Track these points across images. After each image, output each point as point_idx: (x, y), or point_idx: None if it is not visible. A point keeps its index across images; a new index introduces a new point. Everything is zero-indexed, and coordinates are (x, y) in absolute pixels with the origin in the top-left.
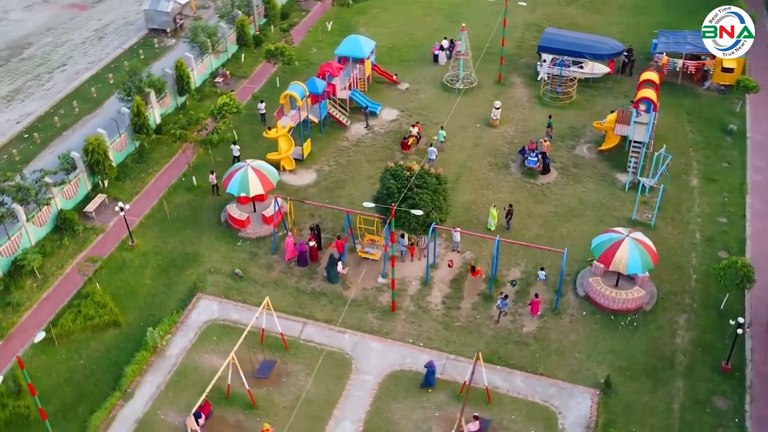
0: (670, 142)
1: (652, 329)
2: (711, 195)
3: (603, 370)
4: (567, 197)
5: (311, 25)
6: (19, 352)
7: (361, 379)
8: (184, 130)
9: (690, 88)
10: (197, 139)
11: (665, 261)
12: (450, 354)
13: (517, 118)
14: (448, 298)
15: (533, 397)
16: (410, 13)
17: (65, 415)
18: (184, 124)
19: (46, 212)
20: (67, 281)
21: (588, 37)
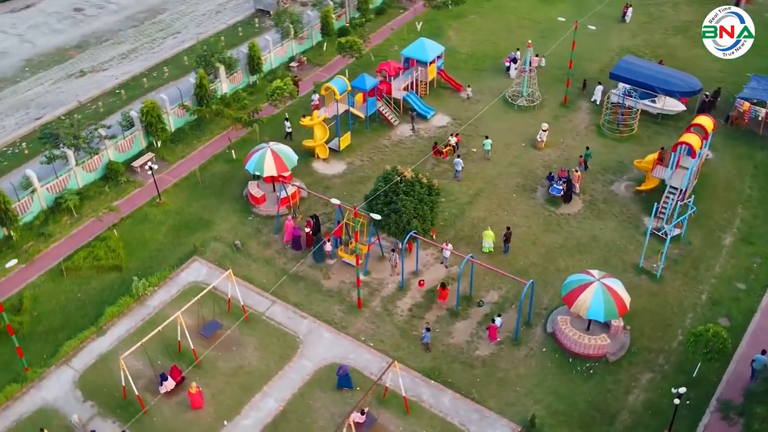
0: (721, 194)
1: (608, 381)
2: (740, 257)
3: (537, 410)
4: (581, 232)
5: (404, 23)
6: (34, 277)
7: (301, 364)
8: (225, 107)
9: None
10: (233, 116)
11: (655, 316)
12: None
13: (567, 144)
14: (416, 306)
15: (452, 418)
16: (505, 23)
17: (47, 337)
18: (229, 101)
19: (97, 160)
20: (96, 224)
21: (665, 71)
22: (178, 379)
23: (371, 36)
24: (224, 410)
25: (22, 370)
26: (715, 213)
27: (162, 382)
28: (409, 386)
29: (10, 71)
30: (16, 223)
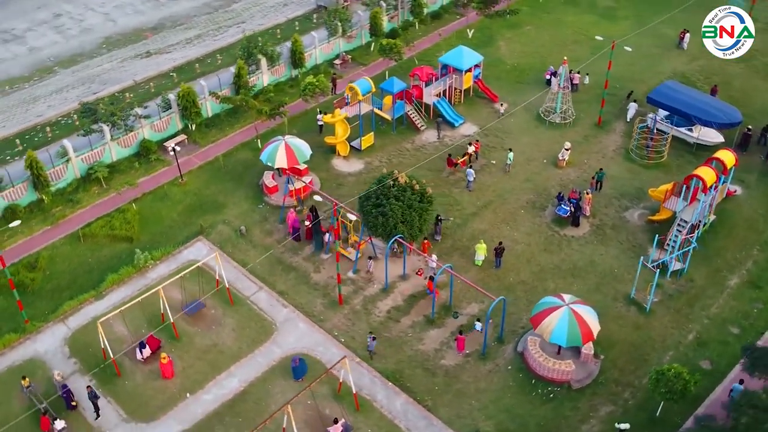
0: (739, 233)
1: (566, 407)
2: (742, 300)
3: (485, 425)
4: (580, 255)
5: (456, 30)
6: (55, 239)
7: (271, 350)
8: (252, 98)
9: None
10: (257, 107)
11: (633, 349)
12: (358, 358)
13: (590, 165)
14: (395, 309)
15: (400, 422)
16: (559, 38)
17: (53, 295)
18: (257, 93)
19: (132, 137)
20: (121, 196)
21: (705, 99)
22: (154, 348)
23: (421, 40)
24: (190, 383)
25: (22, 323)
26: (727, 251)
27: (140, 350)
28: (367, 385)
29: (90, 47)
30: (48, 188)
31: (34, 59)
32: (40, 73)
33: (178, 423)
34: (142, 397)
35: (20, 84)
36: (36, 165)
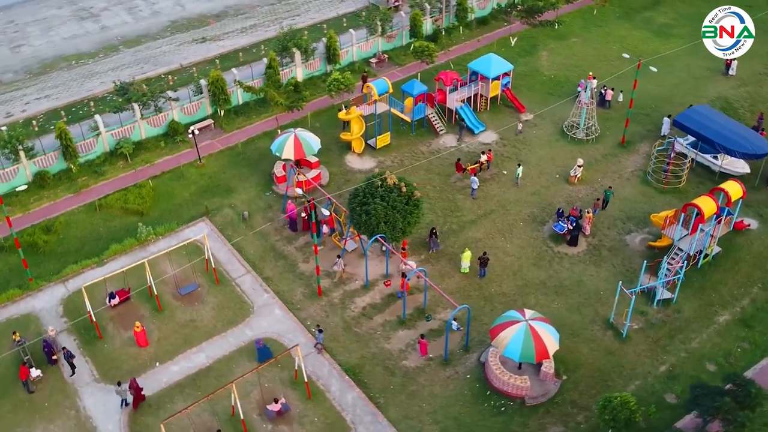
0: (743, 268)
1: (515, 423)
2: (728, 338)
3: (429, 429)
4: (569, 274)
5: (500, 36)
6: (74, 206)
7: (243, 331)
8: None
9: None
10: (277, 99)
11: (599, 374)
12: (329, 344)
13: (603, 185)
14: (371, 307)
15: (347, 414)
16: (604, 52)
17: (60, 258)
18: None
19: (162, 117)
20: (143, 172)
21: (733, 127)
22: (122, 299)
23: (461, 45)
24: (161, 353)
25: (27, 280)
26: (725, 286)
27: (110, 299)
28: (324, 376)
29: (155, 29)
30: (76, 158)
31: (103, 37)
32: (105, 50)
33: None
34: (115, 361)
35: (85, 60)
36: (65, 136)
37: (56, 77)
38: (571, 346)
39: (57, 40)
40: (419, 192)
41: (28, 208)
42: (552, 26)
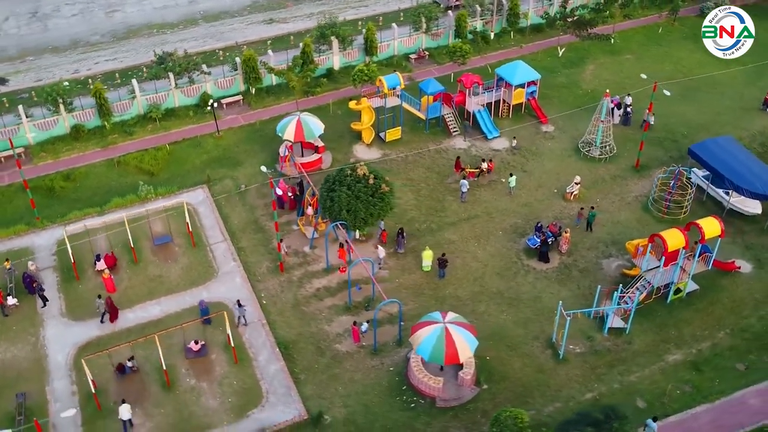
0: (716, 311)
1: (419, 422)
2: (670, 379)
3: (336, 411)
4: (529, 288)
5: (551, 45)
6: (97, 160)
7: (198, 293)
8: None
9: None
10: (294, 84)
11: (523, 390)
12: (263, 322)
13: (600, 207)
14: (325, 289)
15: (264, 383)
16: (655, 71)
17: (70, 203)
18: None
19: (196, 89)
20: (166, 137)
21: (749, 164)
22: (108, 264)
23: (508, 50)
24: (124, 300)
25: (34, 219)
26: (689, 326)
27: (96, 261)
28: (257, 345)
29: (236, 8)
30: (110, 116)
31: (189, 10)
32: (185, 23)
33: (96, 329)
34: (82, 301)
35: (165, 29)
36: (100, 95)
37: (134, 43)
38: (504, 358)
39: (148, 9)
40: (387, 186)
41: (59, 156)
42: (606, 40)
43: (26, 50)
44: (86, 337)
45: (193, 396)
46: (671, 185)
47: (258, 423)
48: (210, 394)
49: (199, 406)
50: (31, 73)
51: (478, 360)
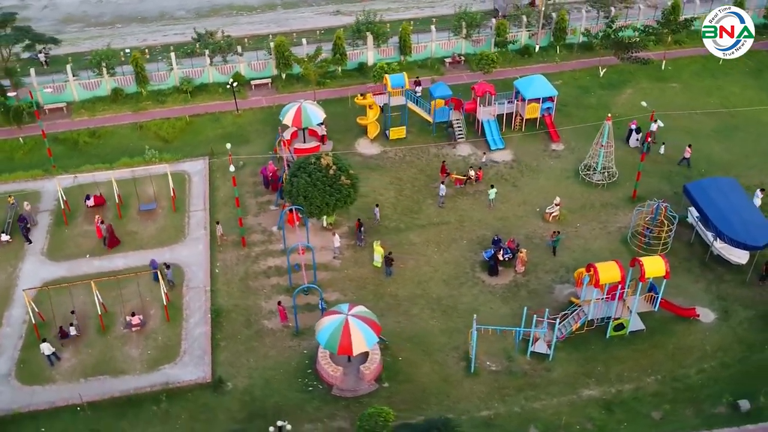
0: (656, 355)
1: (310, 405)
2: (576, 412)
3: (239, 380)
4: (471, 300)
5: (595, 65)
6: (125, 122)
7: (164, 253)
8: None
9: None
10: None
11: (422, 395)
12: (207, 288)
13: (577, 233)
14: (275, 269)
15: (185, 343)
16: (697, 103)
17: (87, 158)
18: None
19: (229, 67)
20: (192, 109)
21: (742, 210)
22: (96, 202)
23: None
24: (98, 250)
25: (51, 166)
26: (619, 365)
27: (86, 200)
28: (193, 308)
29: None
30: (146, 84)
31: None
32: (263, 7)
33: (64, 270)
34: (64, 243)
35: (243, 11)
36: (138, 64)
37: (210, 22)
38: (416, 361)
39: None
40: (349, 180)
41: (95, 115)
42: (646, 64)
43: (119, 18)
44: (55, 275)
45: (120, 343)
46: (651, 219)
47: (164, 377)
48: (134, 344)
49: (121, 353)
50: (106, 39)
51: (390, 359)
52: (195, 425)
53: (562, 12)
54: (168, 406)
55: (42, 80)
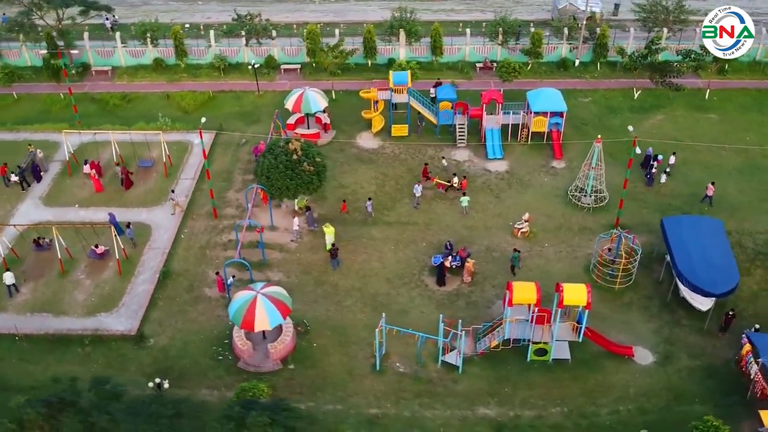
0: (568, 388)
1: (212, 375)
2: (464, 428)
3: (160, 339)
4: (406, 301)
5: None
6: (156, 90)
7: (141, 212)
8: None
9: None
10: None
11: (322, 383)
12: (166, 251)
13: (542, 253)
14: (230, 242)
15: (126, 297)
16: (729, 138)
17: (110, 118)
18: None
19: (264, 50)
20: (220, 85)
21: (712, 253)
22: (94, 169)
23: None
24: (86, 202)
25: (76, 122)
26: (528, 389)
27: (85, 164)
28: (146, 267)
29: None
30: (184, 57)
31: None
32: None
33: (51, 215)
34: (61, 193)
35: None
36: (177, 38)
37: (274, 5)
38: (329, 350)
39: None
40: (312, 167)
41: (133, 80)
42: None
43: None
44: (41, 218)
45: (72, 286)
46: (612, 251)
47: (97, 324)
48: (83, 290)
49: (70, 295)
50: (182, 13)
51: (305, 343)
52: (108, 371)
53: (604, 27)
54: (91, 350)
55: (94, 44)
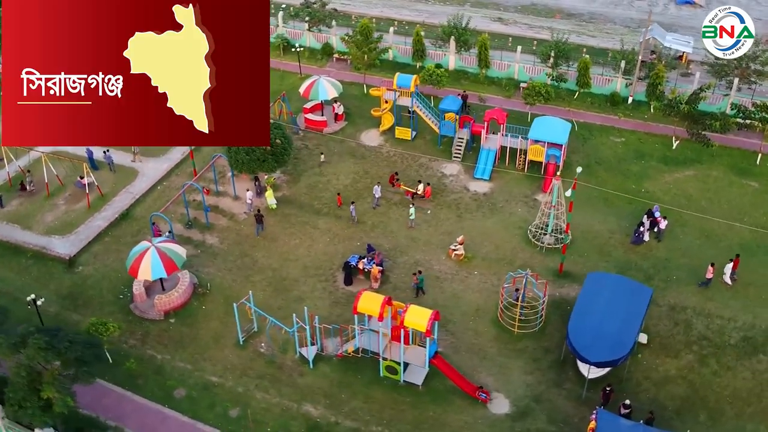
0: (399, 414)
1: (105, 311)
2: (272, 417)
3: (87, 264)
4: (308, 290)
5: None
6: None
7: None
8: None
9: None
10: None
11: (186, 342)
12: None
13: (465, 280)
14: (197, 203)
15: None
16: (758, 209)
17: None
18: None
19: (317, 38)
20: (276, 64)
21: (616, 321)
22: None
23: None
24: None
25: None
26: (361, 403)
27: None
28: (113, 208)
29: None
30: None
31: None
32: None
33: None
34: None
35: None
36: None
37: None
38: (212, 315)
39: None
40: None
41: None
42: (707, 146)
43: None
44: None
45: (48, 208)
46: (519, 291)
47: (46, 243)
48: (54, 213)
49: (41, 215)
50: None
51: (196, 304)
52: (33, 284)
53: (659, 67)
54: (31, 264)
55: None
